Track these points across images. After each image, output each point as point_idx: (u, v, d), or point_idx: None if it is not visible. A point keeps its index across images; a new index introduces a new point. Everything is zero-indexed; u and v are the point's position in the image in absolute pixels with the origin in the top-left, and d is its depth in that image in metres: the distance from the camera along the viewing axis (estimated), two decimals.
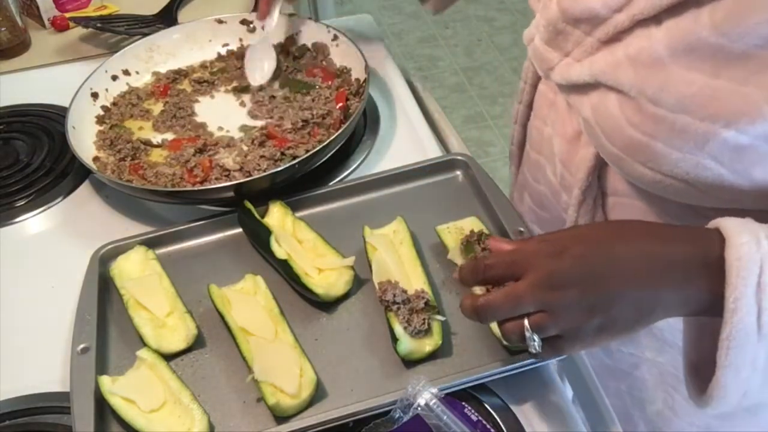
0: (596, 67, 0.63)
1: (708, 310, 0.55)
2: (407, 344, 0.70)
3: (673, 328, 0.75)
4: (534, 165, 0.84)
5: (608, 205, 0.75)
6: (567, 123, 0.75)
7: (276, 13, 1.07)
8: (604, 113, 0.64)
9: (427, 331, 0.72)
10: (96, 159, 0.96)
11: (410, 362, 0.71)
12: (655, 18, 0.58)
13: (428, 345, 0.71)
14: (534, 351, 0.58)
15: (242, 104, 1.05)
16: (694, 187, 0.60)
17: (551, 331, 0.57)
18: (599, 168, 0.72)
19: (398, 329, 0.71)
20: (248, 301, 0.76)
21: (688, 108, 0.57)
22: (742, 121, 0.55)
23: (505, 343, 0.69)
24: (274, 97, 1.04)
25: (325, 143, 0.89)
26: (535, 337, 0.57)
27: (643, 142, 0.61)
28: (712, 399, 0.56)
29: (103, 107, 1.05)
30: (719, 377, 0.54)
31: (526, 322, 0.57)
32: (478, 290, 0.69)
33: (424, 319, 0.71)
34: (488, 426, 0.67)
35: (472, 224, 0.82)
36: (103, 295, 0.80)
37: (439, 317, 0.73)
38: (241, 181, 0.85)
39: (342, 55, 1.09)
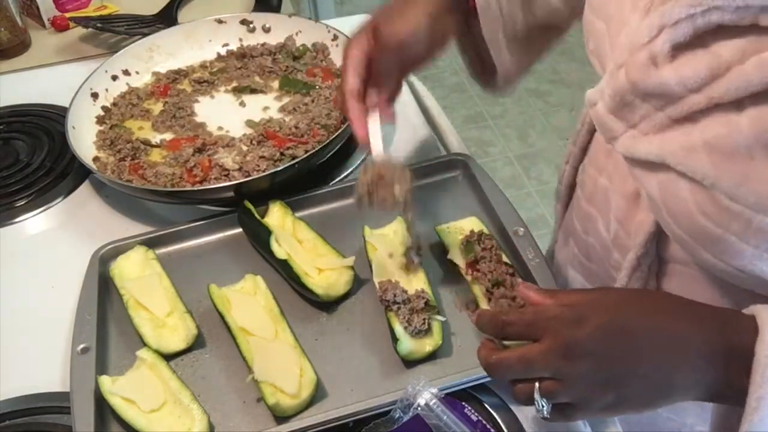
0: (667, 147, 0.56)
1: (729, 398, 0.53)
2: (407, 344, 0.70)
3: None
4: (584, 215, 0.77)
5: (665, 271, 0.69)
6: (627, 179, 0.68)
7: (378, 128, 0.78)
8: (673, 195, 0.57)
9: (427, 331, 0.72)
10: (96, 159, 0.96)
11: (410, 362, 0.71)
12: (737, 104, 0.51)
13: (428, 345, 0.71)
14: (542, 416, 0.56)
15: (242, 104, 1.05)
16: None
17: (562, 398, 0.55)
18: (659, 233, 0.66)
19: (398, 329, 0.71)
20: (248, 301, 0.76)
21: None
22: None
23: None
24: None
25: (325, 143, 0.89)
26: (544, 403, 0.55)
27: (716, 233, 0.55)
28: None
29: (103, 107, 1.05)
30: None
31: (536, 385, 0.55)
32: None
33: (424, 319, 0.71)
34: (488, 426, 0.67)
35: (472, 224, 0.82)
36: (103, 295, 0.80)
37: (439, 317, 0.73)
38: (241, 181, 0.85)
39: (342, 55, 1.08)
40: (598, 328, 0.54)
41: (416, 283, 0.76)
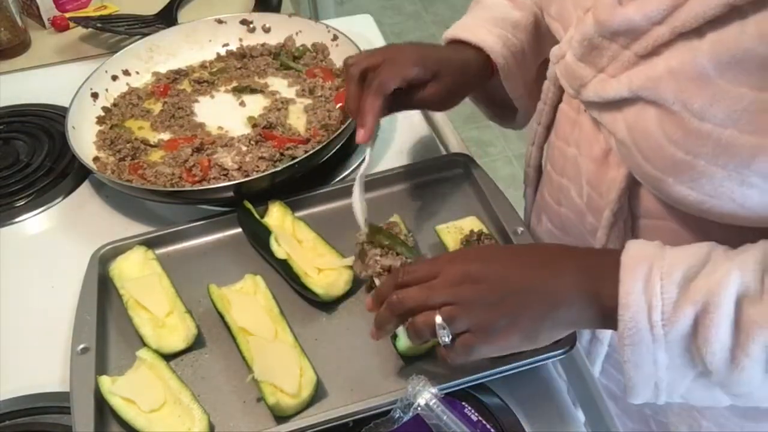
0: (635, 82, 0.61)
1: (613, 318, 0.57)
2: (406, 340, 0.70)
3: None
4: (556, 187, 0.81)
5: (639, 227, 0.72)
6: (594, 143, 0.72)
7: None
8: (642, 131, 0.61)
9: None
10: (96, 159, 0.96)
11: (409, 359, 0.71)
12: (698, 31, 0.55)
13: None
14: (444, 341, 0.60)
15: (242, 104, 1.05)
16: (740, 206, 0.58)
17: (461, 324, 0.60)
18: (630, 189, 0.70)
19: None
20: (248, 301, 0.76)
21: (738, 122, 0.55)
22: None
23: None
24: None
25: (325, 143, 0.89)
26: (446, 327, 0.60)
27: (686, 160, 0.58)
28: (627, 389, 0.60)
29: (104, 107, 1.05)
30: (625, 370, 0.58)
31: (437, 313, 0.60)
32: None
33: None
34: (488, 426, 0.67)
35: (471, 224, 0.82)
36: (103, 295, 0.80)
37: None
38: (241, 181, 0.85)
39: (342, 55, 1.08)
40: (488, 259, 0.63)
41: None
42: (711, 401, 0.59)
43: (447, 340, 0.60)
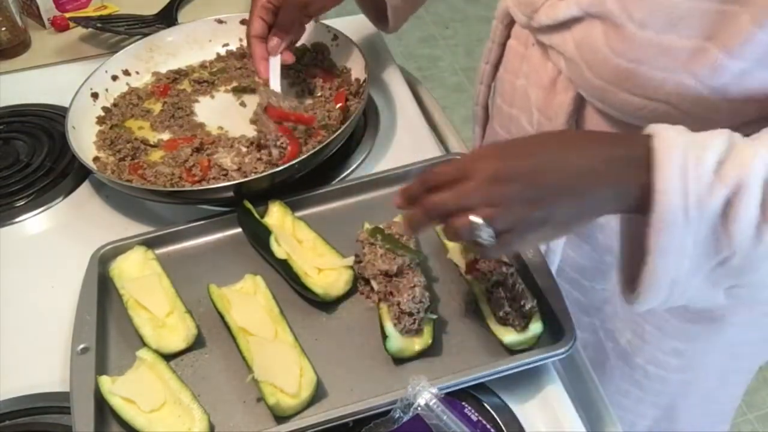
0: (584, 1, 0.68)
1: (642, 204, 0.57)
2: (396, 342, 0.70)
3: None
4: (506, 118, 0.86)
5: None
6: (542, 72, 0.78)
7: (278, 69, 0.96)
8: (589, 47, 0.68)
9: (418, 330, 0.71)
10: (96, 159, 0.96)
11: (402, 360, 0.71)
12: None
13: (417, 344, 0.71)
14: (486, 242, 0.59)
15: (242, 104, 1.05)
16: (676, 108, 0.65)
17: (498, 224, 0.59)
18: (577, 111, 0.75)
19: (388, 327, 0.71)
20: (248, 301, 0.77)
21: (676, 28, 0.61)
22: (725, 41, 0.59)
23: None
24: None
25: (325, 143, 0.89)
26: (485, 228, 0.58)
27: (629, 68, 0.66)
28: (642, 289, 0.59)
29: (104, 107, 1.05)
30: (649, 263, 0.57)
31: (475, 215, 0.58)
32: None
33: (414, 319, 0.71)
34: (488, 426, 0.67)
35: None
36: (103, 295, 0.80)
37: (431, 315, 0.73)
38: (241, 181, 0.85)
39: (342, 55, 1.09)
40: (522, 155, 0.61)
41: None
42: (710, 300, 0.61)
43: (488, 238, 0.58)
